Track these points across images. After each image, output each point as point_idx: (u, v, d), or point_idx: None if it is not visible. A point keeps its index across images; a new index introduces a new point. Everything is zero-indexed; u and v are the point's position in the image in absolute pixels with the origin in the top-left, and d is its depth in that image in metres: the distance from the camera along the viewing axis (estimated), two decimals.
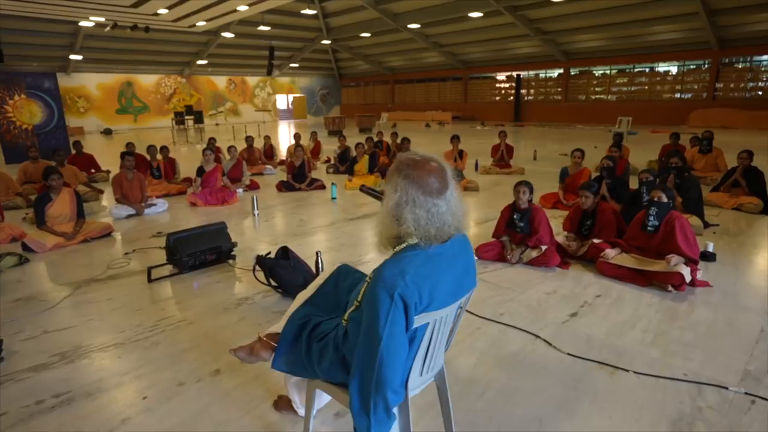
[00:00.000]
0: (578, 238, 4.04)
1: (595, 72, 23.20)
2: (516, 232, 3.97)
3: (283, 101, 32.61)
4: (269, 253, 3.38)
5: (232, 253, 4.10)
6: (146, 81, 26.25)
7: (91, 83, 24.40)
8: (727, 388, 2.21)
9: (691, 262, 3.32)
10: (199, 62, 26.01)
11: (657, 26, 18.51)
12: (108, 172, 8.59)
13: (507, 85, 26.96)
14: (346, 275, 1.88)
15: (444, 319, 1.43)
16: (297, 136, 9.66)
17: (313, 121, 32.14)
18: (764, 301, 3.14)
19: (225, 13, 17.72)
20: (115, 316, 3.07)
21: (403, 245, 1.35)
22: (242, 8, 16.93)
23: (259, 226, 5.28)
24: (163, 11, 16.75)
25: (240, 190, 6.90)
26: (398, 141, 9.23)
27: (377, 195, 1.71)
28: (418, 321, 1.30)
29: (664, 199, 3.42)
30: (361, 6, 21.74)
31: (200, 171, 6.44)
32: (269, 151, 9.71)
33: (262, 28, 21.71)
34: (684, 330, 2.77)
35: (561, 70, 24.16)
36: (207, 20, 18.93)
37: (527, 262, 3.84)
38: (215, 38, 23.62)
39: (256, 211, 5.73)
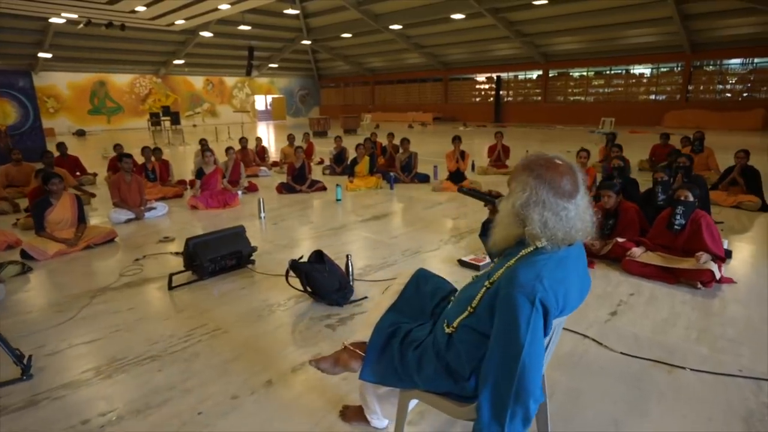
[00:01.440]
0: (600, 237, 4.07)
1: (573, 74, 23.71)
2: None
3: (261, 102, 32.11)
4: (302, 257, 3.27)
5: (252, 257, 3.96)
6: (120, 81, 25.41)
7: (61, 83, 23.45)
8: None
9: (718, 259, 3.39)
10: (176, 62, 25.34)
11: (633, 30, 19.05)
12: (95, 174, 8.24)
13: (487, 86, 27.28)
14: (426, 279, 1.82)
15: (562, 323, 1.39)
16: (291, 137, 9.51)
17: (293, 122, 31.76)
18: None
19: (205, 11, 17.30)
20: (143, 326, 2.92)
21: (530, 248, 1.30)
22: (223, 7, 16.57)
23: (270, 229, 5.14)
24: (140, 9, 16.24)
25: (239, 193, 6.72)
26: (394, 141, 9.19)
27: (483, 196, 1.65)
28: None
29: (691, 198, 3.48)
30: (342, 6, 21.61)
31: (200, 173, 6.23)
32: (261, 153, 9.50)
33: (242, 27, 21.32)
34: (724, 326, 2.82)
35: (540, 72, 24.60)
36: (186, 19, 18.46)
37: None
38: (193, 37, 23.05)
39: (262, 214, 5.58)
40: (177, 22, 18.97)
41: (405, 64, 29.18)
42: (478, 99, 27.78)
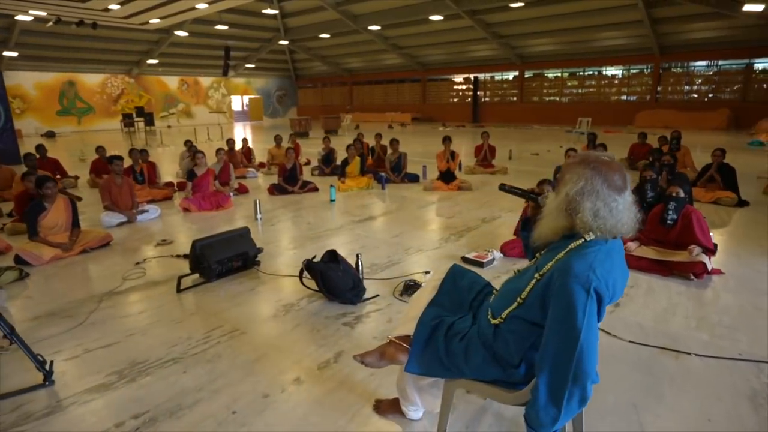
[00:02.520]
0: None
1: (548, 75, 24.29)
2: None
3: (238, 103, 31.67)
4: (314, 256, 3.31)
5: (257, 259, 3.96)
6: (90, 81, 24.64)
7: (28, 82, 22.58)
8: None
9: (708, 251, 3.59)
10: (150, 61, 24.75)
11: (605, 32, 19.67)
12: (76, 177, 8.01)
13: (464, 87, 27.66)
14: (461, 275, 1.90)
15: None
16: (278, 138, 9.47)
17: (270, 123, 31.45)
18: None
19: (182, 10, 16.98)
20: (157, 329, 2.90)
21: (580, 241, 1.38)
22: (201, 6, 16.30)
23: (268, 231, 5.13)
24: (114, 7, 15.81)
25: (231, 194, 6.66)
26: (382, 141, 9.26)
27: (526, 193, 1.72)
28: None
29: (682, 194, 3.67)
30: (320, 7, 21.55)
31: (191, 175, 6.15)
32: (247, 154, 9.42)
33: (219, 27, 20.99)
34: (720, 314, 3.00)
35: (516, 73, 25.10)
36: (161, 18, 18.08)
37: None
38: (168, 37, 22.57)
39: (259, 216, 5.55)
40: (152, 21, 18.56)
41: (383, 65, 29.29)
42: (455, 99, 28.12)
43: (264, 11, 20.43)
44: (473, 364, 1.59)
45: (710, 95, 19.73)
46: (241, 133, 21.70)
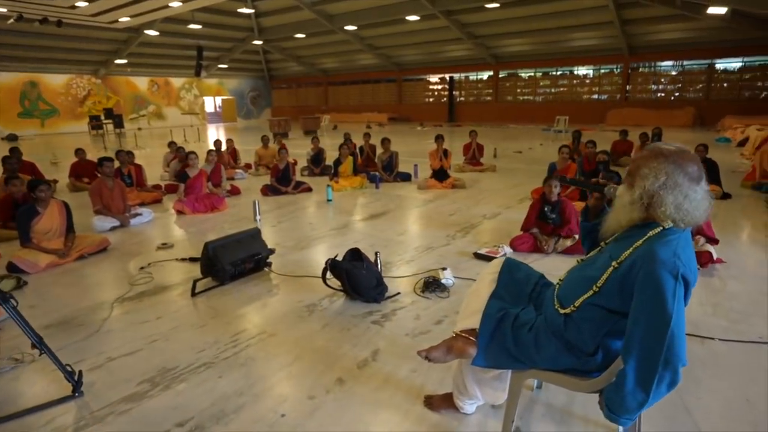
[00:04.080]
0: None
1: (522, 74, 24.79)
2: (547, 223, 4.18)
3: (211, 104, 30.99)
4: (336, 255, 3.26)
5: (269, 260, 3.88)
6: (54, 81, 23.61)
7: None
8: None
9: (712, 241, 3.73)
10: (118, 61, 23.93)
11: (577, 33, 20.23)
12: (55, 181, 7.66)
13: (440, 87, 27.91)
14: (517, 267, 1.91)
15: None
16: (265, 139, 9.33)
17: (244, 124, 30.94)
18: None
19: (154, 9, 16.48)
20: (180, 334, 2.80)
21: (658, 229, 1.41)
22: (174, 5, 15.88)
23: (270, 231, 5.03)
24: (81, 4, 15.18)
25: (225, 196, 6.50)
26: (371, 141, 9.24)
27: (590, 185, 1.74)
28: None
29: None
30: (296, 6, 21.33)
31: (183, 176, 5.98)
32: (233, 155, 9.23)
33: (191, 26, 20.49)
34: (731, 301, 3.12)
35: (491, 73, 25.51)
36: (131, 16, 17.51)
37: (561, 251, 4.07)
38: (137, 36, 21.86)
39: (258, 217, 5.45)
40: (121, 20, 17.94)
41: (358, 65, 29.24)
42: (431, 99, 28.34)
43: (238, 10, 20.06)
44: (546, 354, 1.60)
45: (676, 94, 20.56)
46: (215, 134, 21.25)
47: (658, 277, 1.32)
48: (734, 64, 19.40)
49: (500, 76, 25.34)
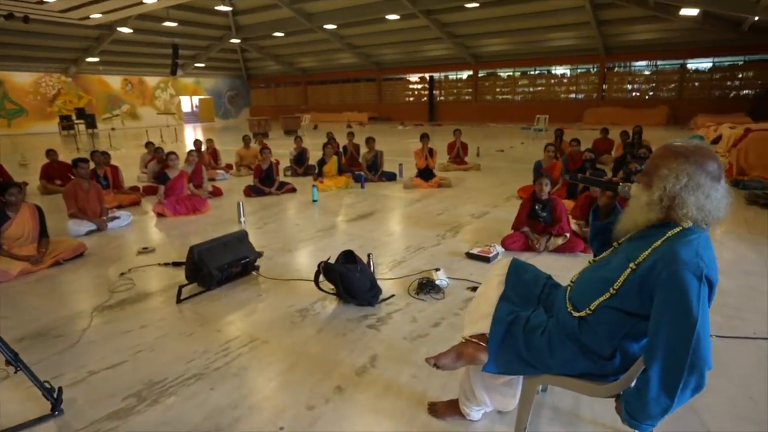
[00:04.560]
0: (588, 224, 4.35)
1: (500, 74, 25.01)
2: (538, 222, 4.17)
3: (187, 103, 30.33)
4: (329, 258, 3.16)
5: (257, 263, 3.76)
6: (21, 80, 22.72)
7: None
8: None
9: None
10: (89, 59, 23.17)
11: (554, 33, 20.51)
12: (25, 184, 7.30)
13: (420, 86, 27.95)
14: (523, 268, 1.86)
15: None
16: (246, 139, 9.14)
17: (222, 124, 30.41)
18: (759, 265, 3.69)
19: (127, 5, 16.03)
20: (167, 344, 2.66)
21: (677, 229, 1.37)
22: (148, 1, 15.46)
23: (256, 234, 4.87)
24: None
25: (207, 197, 6.31)
26: (354, 140, 9.14)
27: (603, 183, 1.68)
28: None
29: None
30: (274, 4, 21.01)
31: (163, 178, 5.77)
32: (214, 155, 9.00)
33: (166, 24, 19.98)
34: (723, 296, 3.14)
35: (470, 72, 25.67)
36: (103, 13, 16.94)
37: (552, 250, 4.06)
38: (110, 33, 21.20)
39: (242, 219, 5.29)
40: (92, 17, 17.35)
41: (338, 64, 29.05)
42: (411, 99, 28.36)
43: (215, 8, 19.65)
44: (560, 358, 1.55)
45: (650, 93, 21.05)
46: (192, 134, 20.80)
47: (681, 279, 1.27)
48: (705, 64, 19.98)
49: (480, 75, 25.53)
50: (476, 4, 17.96)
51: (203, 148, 8.71)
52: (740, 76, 19.43)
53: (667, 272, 1.30)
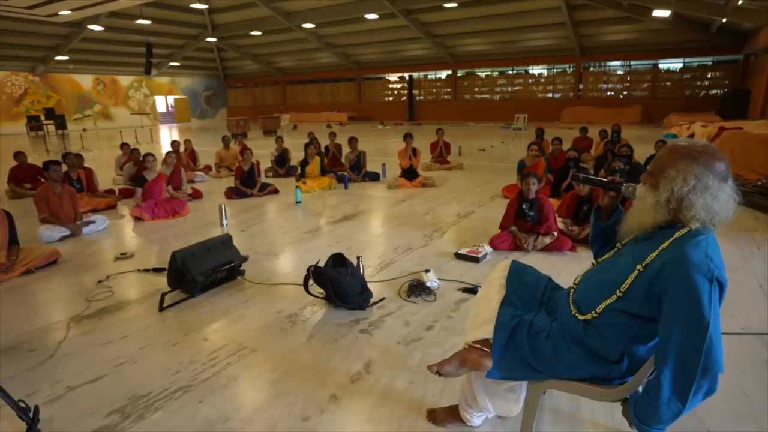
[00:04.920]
0: (575, 222, 4.39)
1: (479, 74, 25.23)
2: (526, 221, 4.17)
3: (162, 103, 29.64)
4: (318, 261, 3.08)
5: (242, 268, 3.65)
6: None
7: None
8: None
9: None
10: (58, 58, 22.40)
11: (532, 33, 20.79)
12: None
13: (399, 86, 27.98)
14: (523, 271, 1.82)
15: None
16: (226, 139, 8.96)
17: (199, 124, 29.87)
18: (741, 261, 3.76)
19: (97, 2, 15.50)
20: (151, 355, 2.54)
21: (684, 231, 1.34)
22: None
23: (239, 237, 4.74)
24: None
25: (187, 200, 6.13)
26: (336, 140, 9.05)
27: (606, 184, 1.65)
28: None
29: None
30: (251, 3, 20.70)
31: (141, 180, 5.58)
32: (192, 156, 8.78)
33: (140, 21, 19.45)
34: None
35: (449, 72, 25.82)
36: (73, 9, 16.37)
37: (541, 249, 4.07)
38: (79, 31, 20.55)
39: (225, 221, 5.15)
40: (61, 13, 16.75)
41: (317, 64, 28.84)
42: (391, 98, 28.37)
43: (191, 6, 19.23)
44: (566, 363, 1.51)
45: (625, 93, 21.56)
46: (168, 135, 20.33)
47: (692, 282, 1.25)
48: (676, 64, 20.57)
49: (458, 75, 25.70)
50: (455, 4, 18.06)
51: (181, 149, 8.48)
52: (709, 76, 20.07)
53: (677, 275, 1.28)
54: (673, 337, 1.28)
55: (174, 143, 8.16)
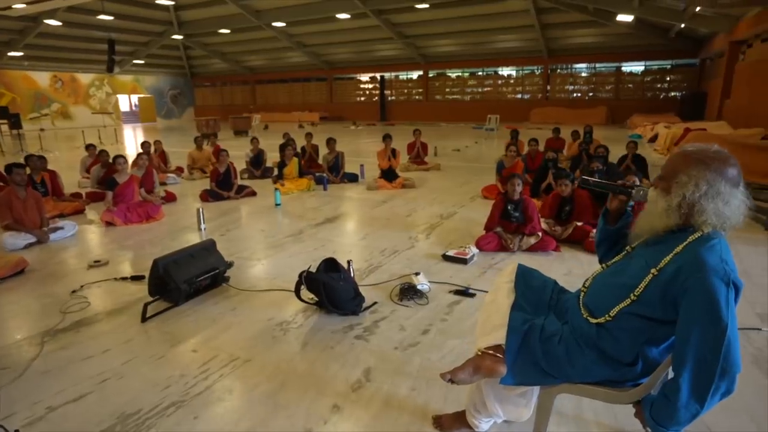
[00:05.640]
0: (557, 222, 4.46)
1: (450, 74, 25.48)
2: (511, 222, 4.21)
3: (126, 102, 28.57)
4: (310, 267, 3.01)
5: (226, 274, 3.53)
6: None
7: None
8: (760, 329, 2.72)
9: None
10: (12, 54, 21.24)
11: (501, 35, 21.17)
12: None
13: (371, 86, 27.94)
14: (530, 274, 1.82)
15: None
16: (198, 140, 8.70)
17: (165, 124, 28.97)
18: None
19: None
20: (137, 369, 2.41)
21: (698, 234, 1.36)
22: None
23: (219, 242, 4.55)
24: None
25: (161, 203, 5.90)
26: (313, 141, 8.94)
27: (616, 188, 1.66)
28: None
29: (638, 182, 3.99)
30: (220, 0, 20.21)
31: (111, 183, 5.33)
32: (162, 158, 8.48)
33: (102, 17, 18.67)
34: None
35: (420, 72, 25.97)
36: (28, 3, 15.55)
37: (526, 249, 4.11)
38: (35, 26, 19.56)
39: (203, 226, 4.99)
40: (15, 7, 15.87)
41: (287, 63, 28.47)
42: (363, 98, 28.31)
43: (156, 1, 18.61)
44: (580, 366, 1.52)
45: (590, 94, 22.24)
46: (132, 136, 19.62)
47: (710, 286, 1.27)
48: (638, 67, 21.37)
49: (430, 75, 25.89)
50: (426, 5, 18.18)
51: (151, 150, 8.17)
52: (669, 79, 20.95)
53: (694, 279, 1.29)
54: (692, 339, 1.29)
55: (144, 144, 7.85)
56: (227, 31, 23.22)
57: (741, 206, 1.36)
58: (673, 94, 20.73)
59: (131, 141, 17.30)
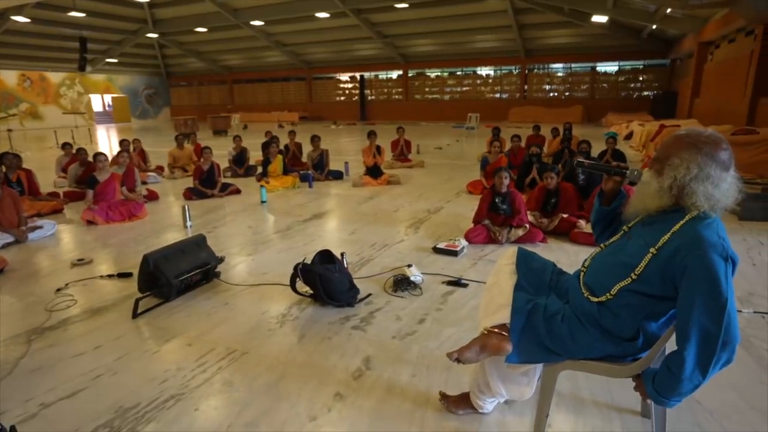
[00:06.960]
0: (543, 215, 4.56)
1: (429, 74, 25.65)
2: (498, 214, 4.28)
3: (99, 102, 27.81)
4: (305, 259, 3.00)
5: (217, 270, 3.49)
6: None
7: None
8: (740, 311, 2.84)
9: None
10: None
11: (479, 35, 21.42)
12: None
13: (351, 86, 27.89)
14: (530, 257, 1.86)
15: None
16: (179, 138, 8.55)
17: (141, 124, 28.30)
18: None
19: None
20: (131, 365, 2.37)
21: (694, 213, 1.41)
22: None
23: (207, 239, 4.54)
24: None
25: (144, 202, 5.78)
26: (296, 139, 8.89)
27: (611, 169, 1.71)
28: None
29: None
30: None
31: (92, 181, 5.20)
32: (142, 156, 8.30)
33: (73, 14, 18.13)
34: None
35: (400, 72, 26.05)
36: None
37: (514, 241, 4.18)
38: (2, 22, 18.82)
39: (189, 223, 4.91)
40: None
41: (266, 63, 28.18)
42: (342, 98, 28.23)
43: None
44: (583, 343, 1.56)
45: (567, 93, 22.70)
46: (106, 136, 19.11)
47: (710, 261, 1.32)
48: (612, 67, 21.92)
49: (409, 75, 26.00)
50: (405, 5, 18.26)
51: (130, 148, 7.98)
52: (641, 78, 21.54)
53: (694, 256, 1.34)
54: (694, 314, 1.34)
55: (123, 142, 7.66)
56: (204, 29, 22.85)
57: (731, 189, 1.42)
58: (645, 93, 21.33)
59: (106, 142, 16.86)
